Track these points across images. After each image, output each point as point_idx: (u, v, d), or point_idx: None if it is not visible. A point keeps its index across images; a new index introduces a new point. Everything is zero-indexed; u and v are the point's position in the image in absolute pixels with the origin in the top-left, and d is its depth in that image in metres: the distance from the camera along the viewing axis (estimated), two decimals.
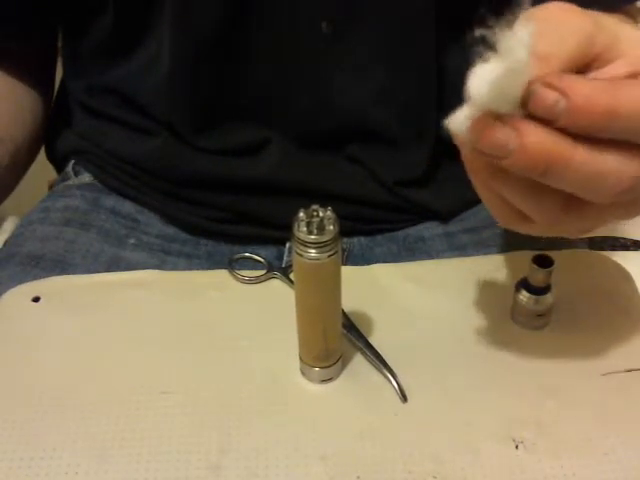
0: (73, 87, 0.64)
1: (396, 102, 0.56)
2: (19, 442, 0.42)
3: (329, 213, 0.39)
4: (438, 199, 0.61)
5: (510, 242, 0.58)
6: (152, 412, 0.44)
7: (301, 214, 0.39)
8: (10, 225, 0.65)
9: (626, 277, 0.53)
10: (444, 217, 0.61)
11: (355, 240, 0.60)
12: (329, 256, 0.39)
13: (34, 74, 0.63)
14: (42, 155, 0.69)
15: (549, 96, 0.30)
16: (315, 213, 0.39)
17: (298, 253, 0.39)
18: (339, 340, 0.45)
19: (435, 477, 0.40)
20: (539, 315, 0.48)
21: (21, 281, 0.53)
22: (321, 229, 0.38)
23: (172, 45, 0.54)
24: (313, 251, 0.39)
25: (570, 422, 0.43)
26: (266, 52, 0.54)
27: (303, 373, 0.46)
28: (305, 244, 0.39)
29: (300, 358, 0.45)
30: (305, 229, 0.38)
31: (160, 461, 0.41)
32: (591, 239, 0.58)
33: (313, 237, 0.38)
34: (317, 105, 0.56)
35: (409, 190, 0.59)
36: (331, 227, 0.38)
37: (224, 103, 0.56)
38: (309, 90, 0.55)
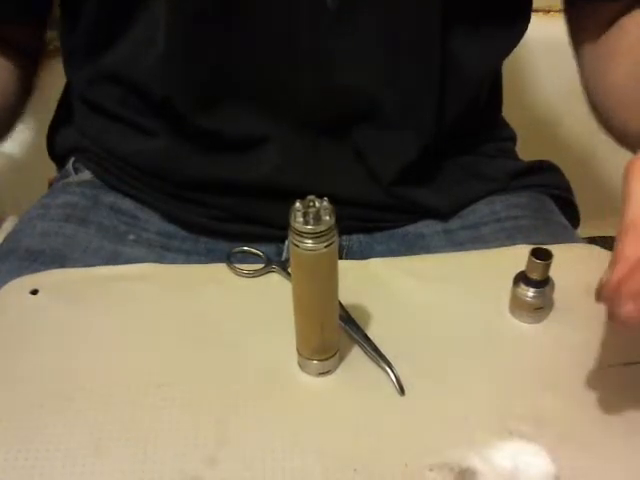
0: (75, 80, 0.63)
1: (397, 86, 0.55)
2: (16, 435, 0.42)
3: (325, 204, 0.38)
4: (437, 198, 0.60)
5: (509, 238, 0.58)
6: (149, 405, 0.44)
7: (297, 204, 0.38)
8: (10, 225, 0.65)
9: None
10: (443, 215, 0.61)
11: (354, 237, 0.60)
12: (326, 246, 0.39)
13: (14, 49, 0.62)
14: (42, 155, 0.69)
15: None
16: (311, 204, 0.38)
17: (295, 244, 0.39)
18: (336, 332, 0.45)
19: (432, 470, 0.40)
20: (537, 308, 0.48)
21: (20, 276, 0.53)
22: (317, 219, 0.38)
23: (167, 22, 0.53)
24: (309, 241, 0.38)
25: (568, 416, 0.43)
26: (268, 27, 0.52)
27: (301, 366, 0.46)
28: (301, 234, 0.38)
29: (298, 351, 0.45)
30: (301, 219, 0.38)
31: (157, 453, 0.41)
32: (591, 239, 0.57)
33: (309, 227, 0.38)
34: (318, 87, 0.54)
35: (407, 189, 0.59)
36: (327, 217, 0.38)
37: (223, 81, 0.55)
38: (311, 69, 0.54)
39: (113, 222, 0.60)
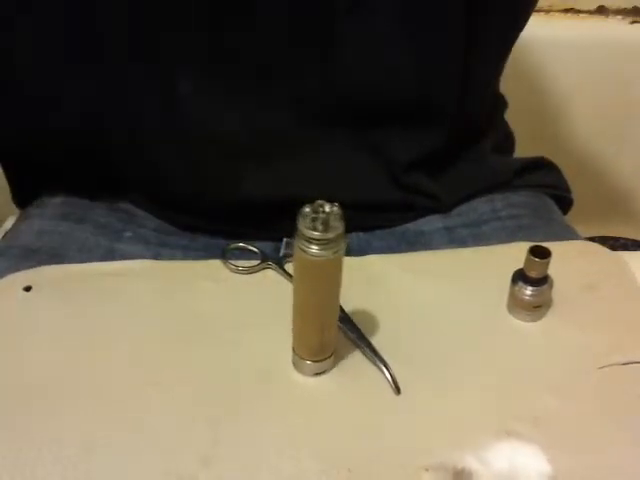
0: None
1: (415, 70, 0.53)
2: (5, 434, 0.41)
3: (335, 209, 0.37)
4: (441, 188, 0.60)
5: (509, 237, 0.58)
6: (142, 403, 0.43)
7: (307, 209, 0.37)
8: (10, 225, 0.65)
9: (624, 269, 0.52)
10: (444, 208, 0.60)
11: (353, 235, 0.59)
12: (333, 253, 0.38)
13: None
14: None
15: None
16: (321, 208, 0.37)
17: (301, 249, 0.38)
18: (335, 335, 0.44)
19: (428, 470, 0.39)
20: (536, 307, 0.48)
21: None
22: (326, 225, 0.37)
23: None
24: (316, 248, 0.37)
25: (566, 415, 0.42)
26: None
27: (295, 366, 0.45)
28: (309, 240, 0.37)
29: (293, 351, 0.45)
30: (310, 225, 0.37)
31: (150, 453, 0.40)
32: (591, 239, 0.57)
33: (318, 234, 0.37)
34: (327, 70, 0.52)
35: (418, 175, 0.58)
36: (337, 224, 0.37)
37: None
38: (320, 48, 0.51)
39: (110, 219, 0.60)
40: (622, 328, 0.48)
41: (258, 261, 0.53)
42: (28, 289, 0.51)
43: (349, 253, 0.58)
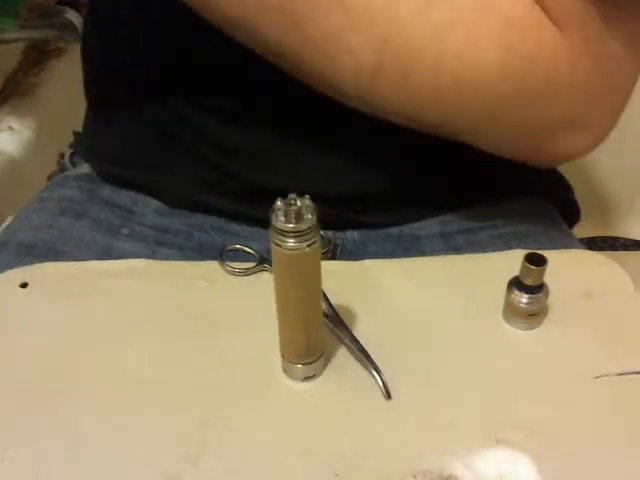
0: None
1: None
2: None
3: (307, 202, 0.38)
4: (440, 191, 0.59)
5: (506, 244, 0.57)
6: (132, 402, 0.43)
7: (278, 203, 0.38)
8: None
9: (621, 277, 0.51)
10: (442, 211, 0.60)
11: (348, 235, 0.59)
12: (308, 245, 0.38)
13: None
14: (42, 155, 0.69)
15: None
16: (293, 202, 0.38)
17: (276, 243, 0.38)
18: (321, 334, 0.44)
19: (415, 477, 0.39)
20: (531, 315, 0.47)
21: (12, 269, 0.53)
22: (299, 218, 0.38)
23: None
24: (291, 240, 0.38)
25: (559, 425, 0.42)
26: None
27: (285, 371, 0.45)
28: (283, 233, 0.38)
29: (282, 355, 0.44)
30: (283, 218, 0.38)
31: (138, 452, 0.40)
32: (591, 239, 0.56)
33: (291, 226, 0.38)
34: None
35: (415, 173, 0.57)
36: (309, 215, 0.38)
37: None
38: None
39: (108, 216, 0.60)
40: (619, 337, 0.47)
41: (254, 263, 0.53)
42: (24, 286, 0.51)
43: (345, 255, 0.58)
